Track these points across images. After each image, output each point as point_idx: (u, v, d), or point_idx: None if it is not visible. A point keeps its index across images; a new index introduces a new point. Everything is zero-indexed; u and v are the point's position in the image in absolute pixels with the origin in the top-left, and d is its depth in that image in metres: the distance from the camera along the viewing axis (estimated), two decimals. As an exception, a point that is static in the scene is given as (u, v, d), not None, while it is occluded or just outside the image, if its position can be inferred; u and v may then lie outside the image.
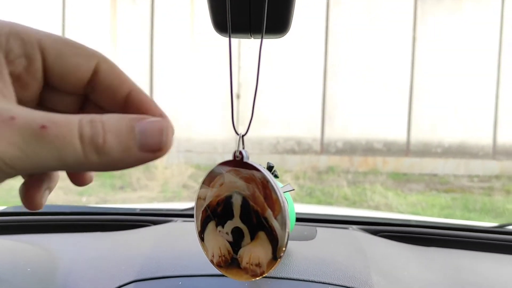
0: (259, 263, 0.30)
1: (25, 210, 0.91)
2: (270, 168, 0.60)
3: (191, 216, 0.84)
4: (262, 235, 0.30)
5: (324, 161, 5.85)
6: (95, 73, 0.24)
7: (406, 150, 5.97)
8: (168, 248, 0.63)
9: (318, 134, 5.95)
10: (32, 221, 0.85)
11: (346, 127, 5.93)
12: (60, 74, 0.23)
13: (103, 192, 4.72)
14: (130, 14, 5.69)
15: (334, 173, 5.60)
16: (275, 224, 0.29)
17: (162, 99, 5.72)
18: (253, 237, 0.30)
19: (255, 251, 0.30)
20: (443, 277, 0.61)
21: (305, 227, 0.71)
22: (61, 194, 4.68)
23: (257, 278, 0.30)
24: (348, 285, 0.51)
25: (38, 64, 0.23)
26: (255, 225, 0.30)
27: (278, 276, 0.53)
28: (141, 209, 0.93)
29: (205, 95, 5.72)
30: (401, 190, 5.11)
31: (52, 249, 0.65)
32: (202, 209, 0.28)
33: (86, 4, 5.66)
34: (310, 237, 0.65)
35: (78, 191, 4.74)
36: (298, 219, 0.77)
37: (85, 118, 0.21)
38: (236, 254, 0.30)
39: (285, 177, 5.27)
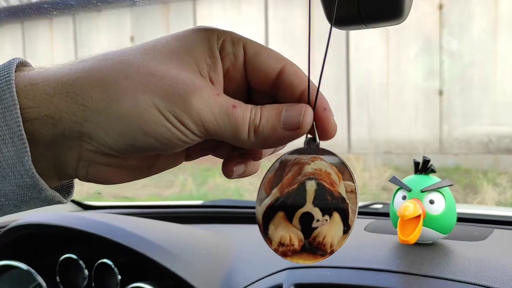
0: (331, 243, 0.30)
1: (219, 203, 1.05)
2: (426, 162, 0.57)
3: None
4: (335, 214, 0.30)
5: (550, 161, 5.02)
6: (281, 73, 0.29)
7: None
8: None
9: (541, 130, 5.14)
10: (223, 213, 0.98)
11: None
12: (254, 71, 0.29)
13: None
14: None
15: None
16: (348, 201, 0.30)
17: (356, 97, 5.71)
18: (326, 219, 0.30)
19: (327, 231, 0.30)
20: None
21: (478, 228, 0.65)
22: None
23: (326, 257, 0.31)
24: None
25: (241, 60, 0.29)
26: (329, 206, 0.30)
27: (431, 275, 0.50)
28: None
29: (402, 94, 5.50)
30: None
31: (228, 237, 0.74)
32: (269, 201, 0.30)
33: (286, 18, 6.03)
34: (480, 238, 0.59)
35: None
36: (474, 220, 0.70)
37: (255, 106, 0.28)
38: (308, 239, 0.30)
39: (499, 180, 4.70)
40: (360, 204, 0.96)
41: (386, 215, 0.80)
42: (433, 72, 5.35)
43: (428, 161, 0.57)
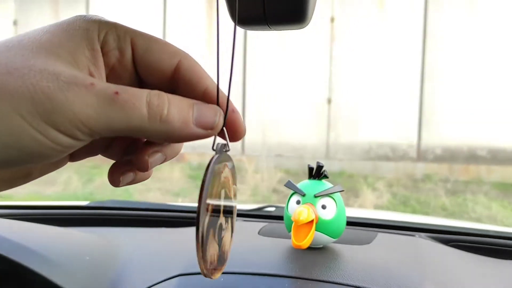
0: (227, 250, 0.30)
1: (106, 205, 0.99)
2: (319, 167, 0.58)
3: (251, 216, 0.85)
4: (229, 219, 0.30)
5: (420, 168, 5.56)
6: (177, 69, 0.27)
7: (515, 158, 5.47)
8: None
9: (414, 140, 5.67)
10: (111, 215, 0.92)
11: (445, 133, 5.58)
12: (146, 68, 0.26)
13: (196, 194, 4.91)
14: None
15: (432, 181, 5.29)
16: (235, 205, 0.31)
17: (252, 102, 5.83)
18: (227, 225, 0.30)
19: (226, 238, 0.30)
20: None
21: (364, 232, 0.68)
22: (159, 194, 4.97)
23: (225, 265, 0.30)
24: (393, 293, 0.47)
25: (128, 57, 0.26)
26: (229, 212, 0.30)
27: (322, 279, 0.51)
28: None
29: (295, 99, 5.73)
30: (508, 201, 4.69)
31: (115, 242, 0.69)
32: (207, 220, 0.27)
33: (184, 10, 5.96)
34: (366, 241, 0.62)
35: (175, 192, 4.99)
36: (360, 224, 0.74)
37: (154, 91, 0.24)
38: (219, 251, 0.29)
39: (378, 185, 5.09)
40: (254, 206, 0.97)
41: (279, 218, 0.81)
42: (323, 81, 5.65)
43: (322, 166, 0.58)
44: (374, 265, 0.53)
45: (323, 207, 0.55)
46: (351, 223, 0.71)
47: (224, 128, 0.28)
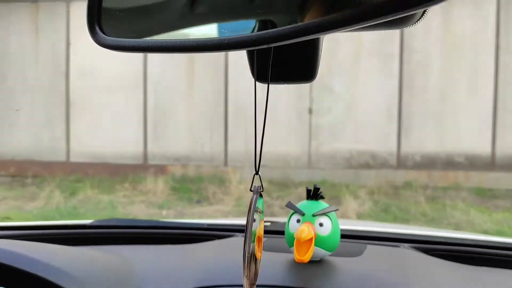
0: (258, 269, 0.37)
1: (110, 223, 1.04)
2: (316, 189, 0.65)
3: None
4: (258, 246, 0.37)
5: (400, 175, 5.69)
6: None
7: (491, 164, 5.65)
8: (226, 261, 0.70)
9: (394, 148, 5.81)
10: (116, 234, 0.97)
11: (424, 140, 5.74)
12: None
13: (180, 206, 4.94)
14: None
15: (412, 188, 5.43)
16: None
17: (233, 112, 5.89)
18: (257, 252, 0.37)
19: (257, 261, 0.37)
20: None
21: (355, 244, 0.75)
22: (144, 207, 4.98)
23: (256, 281, 0.37)
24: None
25: None
26: (258, 240, 0.37)
27: (322, 289, 0.58)
28: (208, 224, 1.02)
29: (276, 111, 5.81)
30: (485, 206, 4.85)
31: (129, 259, 0.74)
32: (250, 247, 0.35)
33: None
34: (357, 254, 0.69)
35: (159, 205, 5.01)
36: (351, 236, 0.81)
37: None
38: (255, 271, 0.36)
39: (359, 193, 5.19)
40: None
41: (276, 232, 0.87)
42: (304, 91, 5.76)
43: (318, 189, 0.65)
44: (366, 275, 0.61)
45: (321, 224, 0.63)
46: (344, 235, 0.78)
47: (260, 174, 0.35)
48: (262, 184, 0.35)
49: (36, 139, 6.18)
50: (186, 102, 6.07)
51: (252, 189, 0.34)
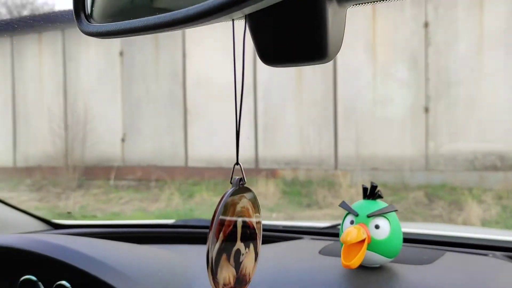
0: (249, 273, 0.33)
1: (190, 223, 1.06)
2: (373, 187, 0.59)
3: (320, 234, 0.86)
4: (251, 245, 0.33)
5: (535, 178, 5.07)
6: None
7: None
8: (286, 264, 0.67)
9: (526, 147, 5.20)
10: (194, 234, 0.99)
11: None
12: None
13: (291, 209, 4.95)
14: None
15: (548, 192, 4.80)
16: (257, 231, 0.33)
17: (343, 114, 5.76)
18: (247, 251, 0.32)
19: (247, 262, 0.32)
20: None
21: (429, 251, 0.66)
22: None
23: (248, 285, 0.33)
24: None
25: None
26: (248, 239, 0.32)
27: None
28: (284, 226, 0.98)
29: (388, 112, 5.55)
30: None
31: (191, 258, 0.74)
32: (218, 247, 0.31)
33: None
34: (428, 261, 0.61)
35: (269, 208, 5.07)
36: (427, 242, 0.72)
37: None
38: (238, 273, 0.32)
39: (485, 197, 4.74)
40: (327, 224, 0.97)
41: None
42: (419, 90, 5.43)
43: (376, 186, 0.58)
44: (431, 285, 0.52)
45: (377, 227, 0.56)
46: (416, 240, 0.70)
47: (240, 164, 0.31)
48: (244, 176, 0.31)
49: (158, 146, 6.67)
50: (295, 106, 6.10)
51: (231, 181, 0.31)
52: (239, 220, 0.31)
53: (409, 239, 0.70)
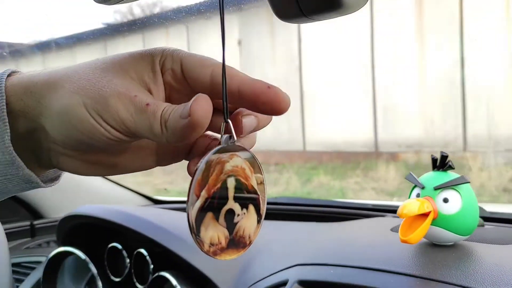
0: (249, 234, 0.31)
1: (278, 201, 1.07)
2: (443, 157, 0.52)
3: (392, 211, 0.80)
4: (250, 206, 0.31)
5: None
6: (211, 78, 0.31)
7: None
8: (351, 240, 0.64)
9: None
10: (281, 210, 0.99)
11: None
12: (192, 80, 0.32)
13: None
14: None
15: None
16: (259, 192, 0.32)
17: (470, 92, 5.27)
18: (244, 212, 0.31)
19: (245, 224, 0.31)
20: None
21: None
22: (374, 194, 4.93)
23: (246, 249, 0.31)
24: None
25: (179, 74, 0.32)
26: (246, 199, 0.31)
27: (439, 279, 0.46)
28: (373, 205, 0.94)
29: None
30: None
31: (264, 233, 0.75)
32: (199, 204, 0.30)
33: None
34: (508, 241, 0.53)
35: (389, 192, 4.88)
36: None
37: (170, 104, 0.30)
38: (232, 235, 0.31)
39: None
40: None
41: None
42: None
43: (446, 156, 0.52)
44: (503, 266, 0.46)
45: (445, 200, 0.50)
46: (500, 219, 0.61)
47: (229, 120, 0.30)
48: (234, 134, 0.30)
49: (277, 131, 6.80)
50: (416, 85, 5.75)
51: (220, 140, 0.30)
52: (230, 179, 0.30)
53: (493, 218, 0.62)
